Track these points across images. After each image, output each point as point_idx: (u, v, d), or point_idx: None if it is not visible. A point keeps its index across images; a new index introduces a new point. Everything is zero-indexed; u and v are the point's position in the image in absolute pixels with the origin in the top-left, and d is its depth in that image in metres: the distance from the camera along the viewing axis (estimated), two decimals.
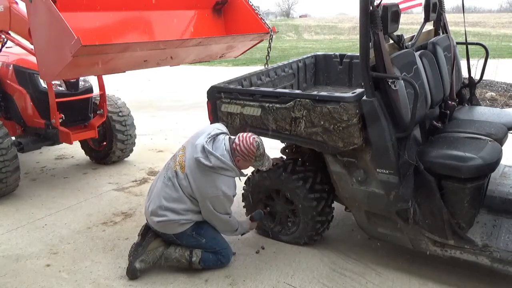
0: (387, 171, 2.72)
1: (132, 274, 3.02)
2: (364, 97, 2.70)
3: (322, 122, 2.83)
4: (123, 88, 9.82)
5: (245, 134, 3.01)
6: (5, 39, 4.58)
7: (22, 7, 4.14)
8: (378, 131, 2.68)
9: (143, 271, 3.05)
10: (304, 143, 3.04)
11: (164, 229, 3.06)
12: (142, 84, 11.34)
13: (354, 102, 2.71)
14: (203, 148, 2.93)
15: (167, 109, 8.78)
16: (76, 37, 2.85)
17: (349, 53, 4.46)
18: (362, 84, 2.72)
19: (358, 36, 2.68)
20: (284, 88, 4.09)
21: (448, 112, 3.50)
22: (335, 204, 3.39)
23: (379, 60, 2.74)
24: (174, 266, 3.11)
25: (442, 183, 2.68)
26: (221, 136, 3.06)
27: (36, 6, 3.14)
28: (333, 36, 31.58)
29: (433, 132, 3.25)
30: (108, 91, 5.12)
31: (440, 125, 3.35)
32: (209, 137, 3.00)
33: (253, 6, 4.26)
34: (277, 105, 3.01)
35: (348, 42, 24.80)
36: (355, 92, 2.77)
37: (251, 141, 2.96)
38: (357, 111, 2.70)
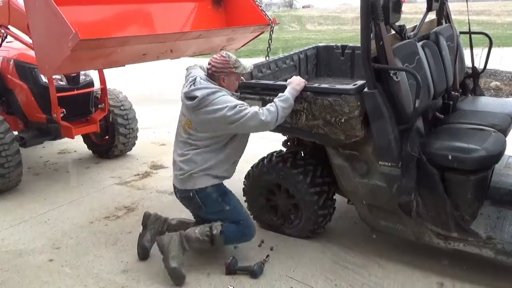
0: (389, 164, 2.69)
1: (178, 277, 2.89)
2: (366, 89, 2.67)
3: (323, 115, 2.80)
4: (125, 81, 9.79)
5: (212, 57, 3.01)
6: (5, 34, 4.57)
7: (21, 1, 4.12)
8: (380, 123, 2.65)
9: (182, 266, 2.93)
10: (305, 136, 3.02)
11: (185, 183, 2.99)
12: (145, 77, 11.30)
13: (356, 94, 2.67)
14: (185, 93, 2.91)
15: (170, 102, 8.72)
16: (74, 31, 2.83)
17: (351, 44, 4.41)
18: (364, 75, 2.68)
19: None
20: (285, 80, 4.03)
21: (451, 103, 3.47)
22: (338, 197, 3.37)
23: (380, 51, 2.70)
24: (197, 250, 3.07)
25: (445, 175, 2.65)
26: (197, 75, 2.98)
27: (34, 0, 3.12)
28: (336, 27, 31.34)
29: (436, 124, 3.22)
30: (110, 85, 5.11)
31: (443, 116, 3.31)
32: (188, 84, 2.95)
33: None
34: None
35: (352, 32, 24.60)
36: (356, 84, 2.74)
37: (220, 55, 2.96)
38: (359, 103, 2.67)
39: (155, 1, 4.02)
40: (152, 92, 9.72)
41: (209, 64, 2.98)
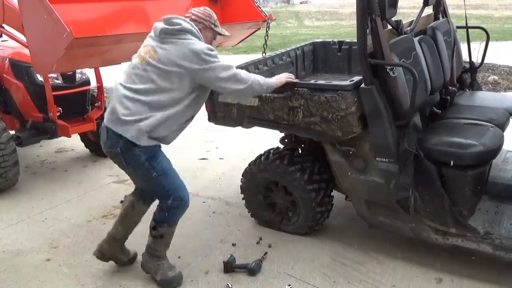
0: (386, 160, 2.68)
1: (170, 284, 2.86)
2: (363, 85, 2.65)
3: (320, 111, 2.78)
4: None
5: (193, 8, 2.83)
6: (0, 33, 4.54)
7: None
8: (377, 119, 2.63)
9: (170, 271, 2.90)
10: (302, 133, 3.00)
11: (116, 125, 2.61)
12: None
13: (352, 90, 2.66)
14: (166, 19, 2.65)
15: None
16: (68, 30, 2.82)
17: (347, 40, 4.39)
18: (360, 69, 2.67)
19: None
20: None
21: (449, 98, 3.46)
22: (335, 193, 3.37)
23: (377, 46, 2.68)
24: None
25: (443, 171, 2.64)
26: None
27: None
28: (334, 22, 31.27)
29: (433, 119, 3.20)
30: (106, 83, 5.08)
31: (440, 111, 3.30)
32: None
33: None
34: (275, 95, 2.96)
35: (350, 27, 24.55)
36: (353, 80, 2.73)
37: (203, 8, 2.83)
38: (356, 99, 2.65)
39: None
40: None
41: (189, 12, 2.79)
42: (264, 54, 3.95)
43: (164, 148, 2.80)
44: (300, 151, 3.37)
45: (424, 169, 2.62)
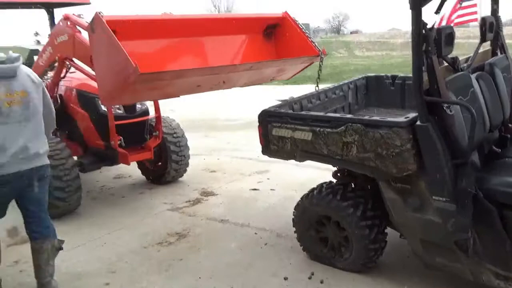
0: (443, 199, 2.63)
1: None
2: (418, 122, 2.64)
3: (374, 147, 2.79)
4: (176, 107, 10.10)
5: None
6: (69, 66, 4.87)
7: (84, 35, 4.39)
8: (434, 157, 2.60)
9: None
10: (356, 168, 3.01)
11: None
12: (194, 103, 11.61)
13: (408, 127, 2.65)
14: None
15: (219, 129, 8.94)
16: (134, 65, 2.99)
17: (401, 74, 4.39)
18: (416, 107, 2.66)
19: (411, 52, 2.64)
20: (335, 110, 4.07)
21: (509, 136, 3.35)
22: (389, 230, 3.31)
23: (433, 84, 2.68)
24: None
25: (504, 213, 2.55)
26: None
27: (98, 36, 3.33)
28: (385, 52, 31.04)
29: (492, 158, 3.11)
30: (163, 112, 5.30)
31: (499, 150, 3.21)
32: None
33: (303, 29, 4.29)
34: (328, 130, 3.00)
35: (401, 58, 24.28)
36: (408, 117, 2.72)
37: None
38: (411, 136, 2.64)
39: (207, 34, 4.17)
40: (202, 118, 9.97)
41: None
42: (317, 88, 4.01)
43: (215, 177, 2.88)
44: (353, 186, 3.36)
45: (483, 210, 2.55)
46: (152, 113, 5.18)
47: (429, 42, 2.64)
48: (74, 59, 4.77)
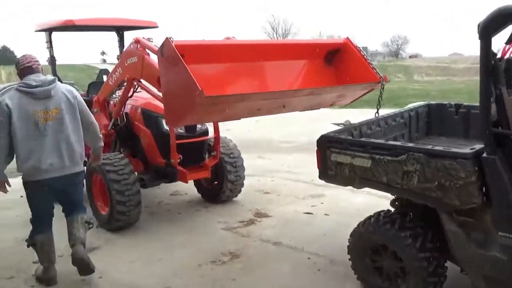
0: (511, 236, 2.52)
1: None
2: (485, 154, 2.57)
3: (436, 178, 2.72)
4: (232, 127, 10.28)
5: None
6: (136, 86, 5.12)
7: (152, 57, 4.63)
8: (501, 191, 2.52)
9: None
10: (416, 198, 2.95)
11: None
12: (250, 124, 11.77)
13: (473, 159, 2.58)
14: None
15: (273, 150, 9.01)
16: (200, 89, 3.12)
17: (465, 103, 4.27)
18: (482, 138, 2.59)
19: (474, 77, 2.59)
20: (395, 138, 4.02)
21: None
22: (449, 264, 3.19)
23: (502, 115, 2.61)
24: None
25: None
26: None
27: (167, 60, 3.50)
28: (446, 78, 30.18)
29: None
30: (222, 134, 5.43)
31: None
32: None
33: (365, 56, 4.29)
34: (389, 158, 2.97)
35: (462, 84, 23.49)
36: (474, 148, 2.65)
37: None
38: (477, 168, 2.57)
39: (269, 58, 4.27)
40: (257, 139, 10.09)
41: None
42: (377, 115, 3.98)
43: (269, 199, 2.90)
44: (412, 216, 3.28)
45: None
46: (211, 133, 5.33)
47: (499, 73, 2.58)
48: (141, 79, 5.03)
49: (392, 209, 3.46)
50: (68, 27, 5.76)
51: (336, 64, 4.63)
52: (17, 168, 3.55)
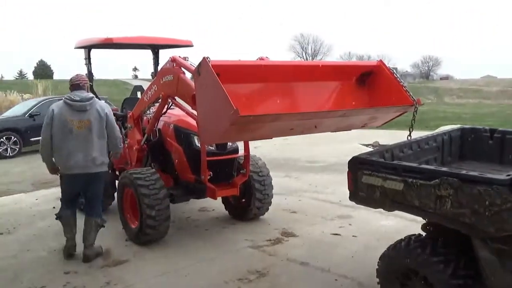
0: None
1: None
2: None
3: (471, 204, 2.69)
4: (260, 145, 10.35)
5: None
6: (171, 103, 5.25)
7: (187, 75, 4.74)
8: None
9: None
10: (449, 223, 2.90)
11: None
12: (279, 142, 11.83)
13: (510, 186, 2.54)
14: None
15: (301, 169, 9.00)
16: (235, 108, 3.18)
17: (501, 128, 4.20)
18: None
19: (506, 101, 2.56)
20: (427, 161, 3.98)
21: None
22: None
23: None
24: None
25: None
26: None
27: (204, 79, 3.59)
28: (478, 100, 29.62)
29: None
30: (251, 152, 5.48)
31: None
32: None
33: (398, 78, 4.28)
34: (421, 181, 2.94)
35: (495, 107, 23.01)
36: (510, 175, 2.61)
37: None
38: None
39: (302, 79, 4.31)
40: (285, 157, 10.10)
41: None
42: (409, 138, 3.96)
43: (296, 218, 2.91)
44: (444, 241, 3.23)
45: None
46: (241, 151, 5.38)
47: None
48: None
49: (424, 234, 3.42)
50: (107, 44, 5.97)
51: (368, 86, 4.64)
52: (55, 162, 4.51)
